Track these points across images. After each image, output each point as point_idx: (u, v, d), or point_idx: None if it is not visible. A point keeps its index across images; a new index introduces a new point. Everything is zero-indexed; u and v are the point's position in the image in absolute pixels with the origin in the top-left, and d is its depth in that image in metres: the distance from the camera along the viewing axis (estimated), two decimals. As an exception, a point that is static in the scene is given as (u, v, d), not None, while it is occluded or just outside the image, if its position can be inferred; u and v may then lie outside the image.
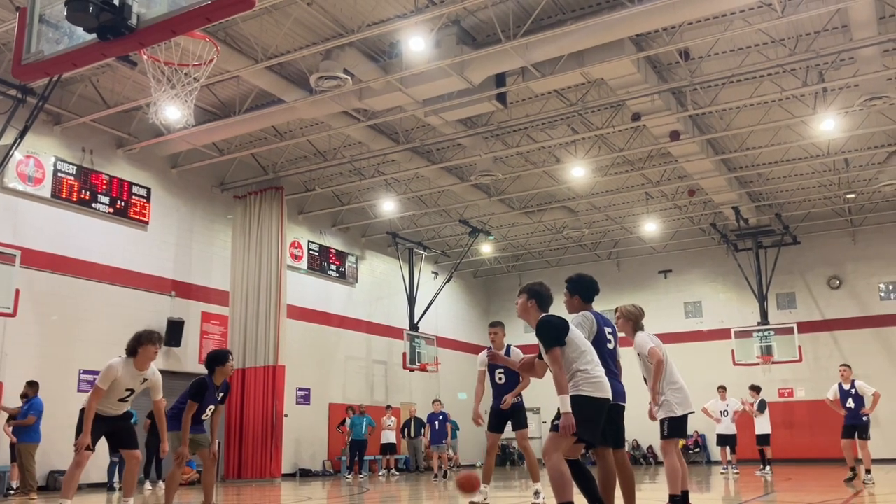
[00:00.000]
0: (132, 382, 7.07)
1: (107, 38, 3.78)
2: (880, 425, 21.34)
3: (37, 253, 15.22)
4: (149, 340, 7.04)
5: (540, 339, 5.33)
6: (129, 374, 7.02)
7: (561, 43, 13.13)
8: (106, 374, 6.95)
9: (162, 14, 3.69)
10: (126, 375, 7.00)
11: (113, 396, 7.07)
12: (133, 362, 7.03)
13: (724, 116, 17.50)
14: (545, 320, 5.39)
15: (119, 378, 6.97)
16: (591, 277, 6.36)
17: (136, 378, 7.07)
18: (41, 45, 4.15)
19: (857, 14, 12.74)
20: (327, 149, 18.95)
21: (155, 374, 7.28)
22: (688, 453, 25.90)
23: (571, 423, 5.01)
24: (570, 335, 5.32)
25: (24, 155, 15.06)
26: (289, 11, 12.83)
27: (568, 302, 6.31)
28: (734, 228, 24.38)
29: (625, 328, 7.31)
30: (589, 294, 6.28)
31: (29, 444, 12.56)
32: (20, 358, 14.64)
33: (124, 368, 7.00)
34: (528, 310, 5.56)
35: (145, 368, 7.12)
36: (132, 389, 7.11)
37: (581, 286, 6.28)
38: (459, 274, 27.55)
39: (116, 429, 7.25)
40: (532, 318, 5.52)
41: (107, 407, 7.11)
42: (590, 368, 5.25)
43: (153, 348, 7.06)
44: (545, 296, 5.59)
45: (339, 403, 22.21)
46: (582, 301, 6.23)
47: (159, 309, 17.59)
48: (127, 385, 7.05)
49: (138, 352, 7.03)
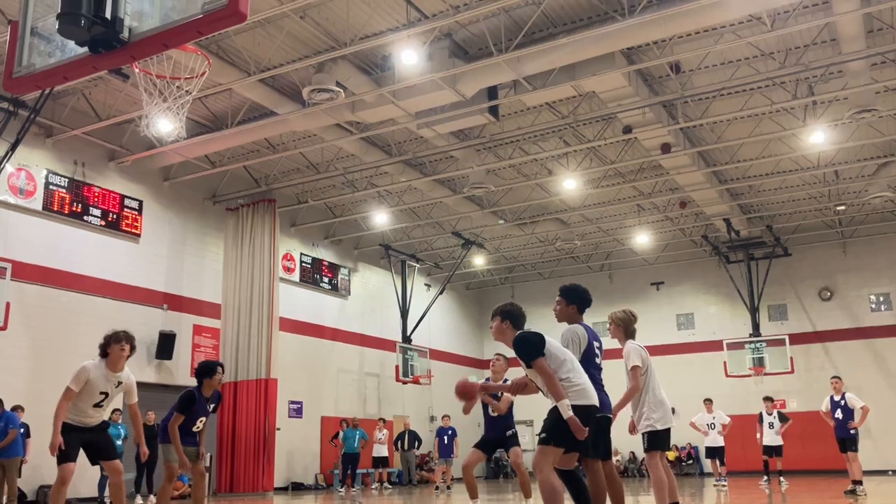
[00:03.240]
0: (106, 385, 6.96)
1: (98, 52, 3.78)
2: (872, 437, 21.40)
3: (28, 266, 15.15)
4: (115, 340, 6.99)
5: (520, 357, 5.35)
6: (102, 377, 6.93)
7: (552, 56, 13.20)
8: (78, 375, 6.86)
9: (154, 27, 3.70)
10: (99, 378, 6.91)
11: (88, 401, 6.93)
12: (105, 364, 6.96)
13: (714, 129, 17.60)
14: (522, 337, 5.42)
15: (92, 380, 6.87)
16: (585, 288, 6.45)
17: (110, 381, 6.97)
18: (33, 58, 4.15)
19: (846, 28, 12.85)
20: (320, 161, 18.97)
21: (129, 377, 7.19)
22: (681, 465, 25.89)
23: (580, 426, 5.02)
24: (548, 346, 5.35)
25: (16, 167, 15.02)
26: (281, 24, 12.86)
27: (563, 310, 6.35)
28: (725, 240, 24.47)
29: (616, 334, 7.38)
30: (584, 305, 6.38)
31: (13, 458, 12.38)
32: (10, 372, 14.53)
33: (96, 370, 6.92)
34: (504, 331, 5.58)
35: (118, 370, 7.02)
36: (106, 392, 6.98)
37: (578, 296, 6.37)
38: (452, 286, 27.54)
39: (94, 439, 7.08)
40: (508, 338, 5.54)
41: (83, 415, 6.96)
42: (572, 377, 5.27)
43: (119, 347, 6.96)
44: (518, 315, 5.63)
45: (332, 416, 22.13)
46: (577, 311, 6.29)
47: (151, 322, 17.51)
48: (101, 388, 6.93)
49: (108, 353, 6.97)
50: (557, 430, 5.10)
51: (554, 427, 5.13)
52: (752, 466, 17.70)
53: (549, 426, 5.17)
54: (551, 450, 5.13)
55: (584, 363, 5.81)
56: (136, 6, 3.76)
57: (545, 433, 5.19)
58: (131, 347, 7.07)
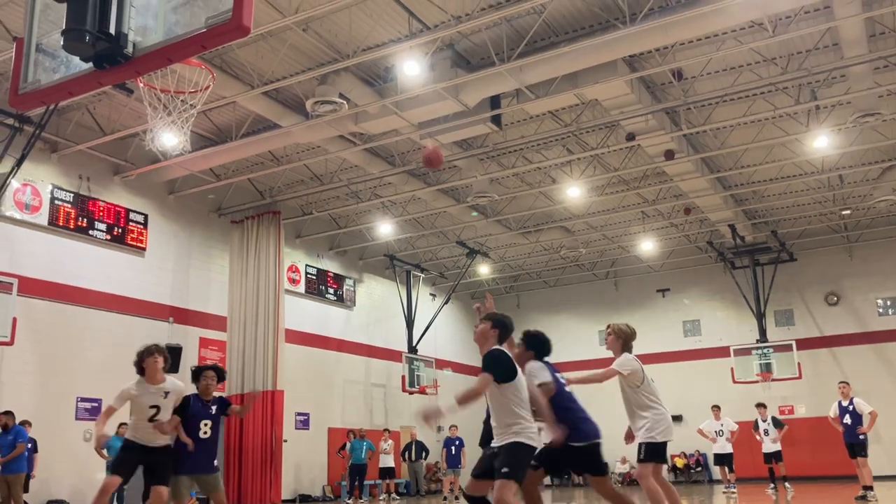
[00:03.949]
0: (153, 399, 7.13)
1: (103, 67, 3.80)
2: (882, 442, 21.27)
3: (34, 281, 15.19)
4: (147, 353, 7.21)
5: (492, 370, 5.47)
6: (145, 392, 7.14)
7: (554, 65, 13.22)
8: (119, 394, 7.16)
9: (158, 42, 3.71)
10: (143, 394, 7.13)
11: (141, 416, 7.12)
12: (145, 380, 7.18)
13: (718, 135, 17.60)
14: (504, 354, 5.58)
15: (135, 396, 7.12)
16: (548, 338, 6.52)
17: (155, 394, 7.14)
18: (38, 75, 4.17)
19: (848, 32, 12.85)
20: (324, 173, 19.01)
21: (175, 384, 7.33)
22: (689, 473, 25.78)
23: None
24: (519, 377, 5.54)
25: (22, 183, 15.08)
26: (284, 37, 12.92)
27: (521, 354, 6.36)
28: (731, 246, 24.41)
29: (614, 345, 7.33)
30: (543, 352, 6.44)
31: (18, 474, 12.36)
32: (18, 386, 14.56)
33: (138, 387, 7.15)
34: (489, 338, 5.69)
35: (158, 381, 7.19)
36: (157, 406, 7.13)
37: (538, 343, 6.46)
38: (457, 295, 27.52)
39: (151, 460, 7.17)
40: (488, 345, 5.66)
41: (141, 432, 7.14)
42: (528, 417, 5.50)
43: (152, 359, 7.17)
44: (509, 329, 5.80)
45: (339, 428, 22.09)
46: (535, 357, 6.36)
47: (157, 335, 17.46)
48: (149, 402, 7.12)
49: (144, 368, 7.18)
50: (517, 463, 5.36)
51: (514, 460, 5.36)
52: (760, 473, 17.60)
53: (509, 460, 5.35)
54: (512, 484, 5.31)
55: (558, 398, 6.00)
56: (140, 21, 3.77)
57: (507, 468, 5.34)
58: (164, 358, 7.28)
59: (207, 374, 7.67)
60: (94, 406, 15.76)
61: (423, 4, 12.28)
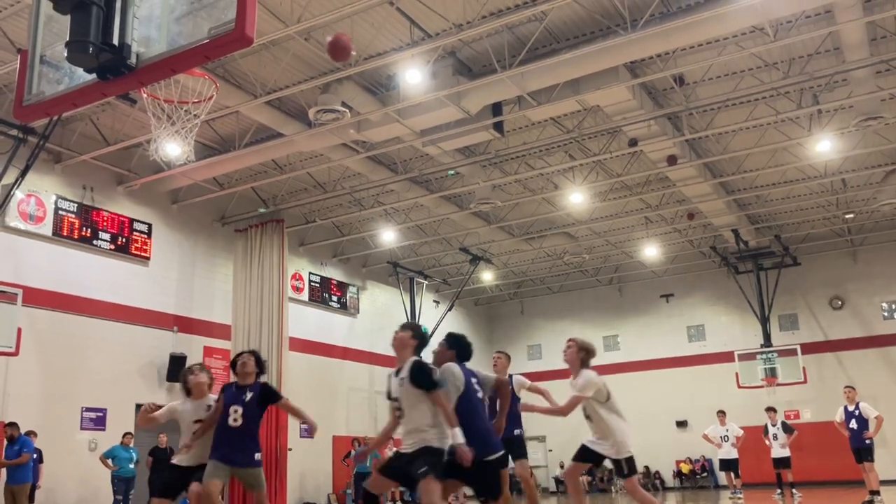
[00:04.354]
0: (197, 413, 7.22)
1: (107, 78, 3.81)
2: (889, 446, 21.20)
3: (38, 291, 15.22)
4: (189, 373, 7.41)
5: (421, 383, 5.77)
6: (191, 407, 7.26)
7: (556, 71, 13.25)
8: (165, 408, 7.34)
9: (161, 53, 3.72)
10: (189, 410, 7.25)
11: (187, 432, 7.18)
12: (192, 398, 7.34)
13: (720, 140, 17.59)
14: (430, 367, 5.92)
15: (180, 411, 7.25)
16: (470, 343, 6.61)
17: (199, 409, 7.24)
18: (42, 86, 4.19)
19: (849, 36, 12.86)
20: (327, 180, 19.04)
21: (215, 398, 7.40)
22: (695, 478, 25.69)
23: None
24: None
25: (26, 194, 15.13)
26: (286, 47, 12.96)
27: (442, 353, 6.44)
28: (734, 251, 24.38)
29: (573, 359, 7.22)
30: (464, 355, 6.48)
31: (24, 484, 12.38)
32: (23, 397, 14.57)
33: (183, 404, 7.32)
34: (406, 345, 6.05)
35: (202, 397, 7.31)
36: (200, 420, 7.21)
37: (461, 346, 6.51)
38: (461, 302, 27.51)
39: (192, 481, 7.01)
40: (406, 354, 6.02)
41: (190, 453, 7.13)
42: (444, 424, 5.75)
43: (194, 377, 7.33)
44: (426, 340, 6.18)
45: (344, 436, 22.07)
46: (455, 358, 6.40)
47: (161, 345, 17.55)
48: (193, 417, 7.20)
49: (189, 387, 7.33)
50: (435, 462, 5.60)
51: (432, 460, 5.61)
52: (767, 478, 17.55)
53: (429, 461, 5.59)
54: (437, 483, 5.54)
55: (465, 401, 6.05)
56: (144, 32, 3.79)
57: (426, 466, 5.56)
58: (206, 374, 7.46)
59: (242, 357, 7.41)
60: (99, 416, 15.77)
61: (425, 13, 12.33)
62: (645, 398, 26.08)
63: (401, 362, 6.06)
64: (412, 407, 5.84)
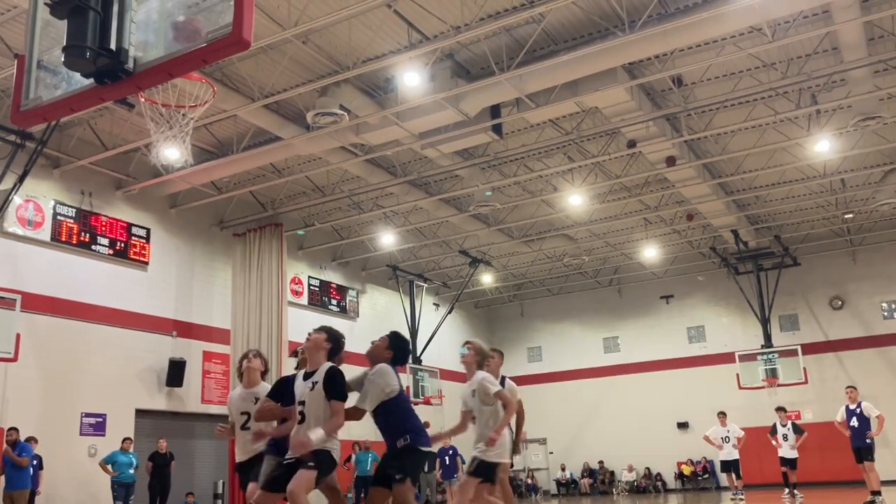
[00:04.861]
0: (244, 404, 7.02)
1: (104, 83, 3.80)
2: (890, 445, 21.18)
3: (37, 296, 15.19)
4: (243, 358, 7.21)
5: (333, 390, 5.69)
6: (239, 397, 7.09)
7: (554, 73, 13.24)
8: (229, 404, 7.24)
9: (158, 57, 3.71)
10: (235, 399, 7.11)
11: (236, 425, 7.03)
12: (242, 385, 7.16)
13: (719, 141, 17.59)
14: (342, 375, 5.83)
15: (232, 401, 7.12)
16: (410, 349, 6.60)
17: (247, 399, 7.02)
18: (39, 91, 4.17)
19: (847, 37, 12.86)
20: (325, 184, 19.02)
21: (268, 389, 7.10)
22: (697, 480, 25.66)
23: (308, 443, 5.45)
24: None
25: (24, 199, 15.10)
26: (284, 50, 12.95)
27: (379, 349, 6.37)
28: (734, 252, 24.38)
29: (471, 363, 7.31)
30: (401, 357, 6.44)
31: (23, 490, 12.35)
32: (22, 403, 14.54)
33: (235, 392, 7.18)
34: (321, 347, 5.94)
35: (252, 385, 7.10)
36: (248, 413, 6.98)
37: (400, 347, 6.43)
38: (461, 305, 27.49)
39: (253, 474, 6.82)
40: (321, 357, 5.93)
41: (240, 444, 6.99)
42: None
43: (247, 362, 7.10)
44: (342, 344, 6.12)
45: (344, 440, 21.96)
46: (393, 357, 6.34)
47: (161, 349, 17.51)
48: (240, 409, 7.02)
49: (243, 372, 7.13)
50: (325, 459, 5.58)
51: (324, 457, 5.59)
52: (768, 479, 17.53)
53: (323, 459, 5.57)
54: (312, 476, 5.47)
55: (401, 402, 6.14)
56: (141, 37, 3.78)
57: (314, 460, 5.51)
58: (261, 360, 7.21)
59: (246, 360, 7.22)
60: (99, 421, 15.74)
61: (423, 15, 12.32)
62: (646, 400, 26.08)
63: (313, 365, 5.91)
64: (317, 413, 5.70)
